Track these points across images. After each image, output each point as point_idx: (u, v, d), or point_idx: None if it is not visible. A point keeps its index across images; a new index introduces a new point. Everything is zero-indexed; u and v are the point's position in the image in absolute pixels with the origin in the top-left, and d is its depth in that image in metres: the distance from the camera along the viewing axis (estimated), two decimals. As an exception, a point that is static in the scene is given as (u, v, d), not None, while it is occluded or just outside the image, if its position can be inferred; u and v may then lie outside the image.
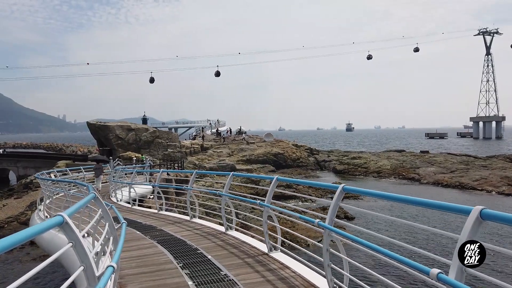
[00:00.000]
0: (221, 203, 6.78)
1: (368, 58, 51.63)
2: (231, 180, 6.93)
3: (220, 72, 48.77)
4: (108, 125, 42.51)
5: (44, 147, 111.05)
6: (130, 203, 11.57)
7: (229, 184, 6.83)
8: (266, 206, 5.60)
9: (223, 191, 6.83)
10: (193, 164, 39.43)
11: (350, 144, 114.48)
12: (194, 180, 7.86)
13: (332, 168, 48.62)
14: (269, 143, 53.88)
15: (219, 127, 67.90)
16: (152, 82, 48.13)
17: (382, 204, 28.18)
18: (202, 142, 52.68)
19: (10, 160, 44.28)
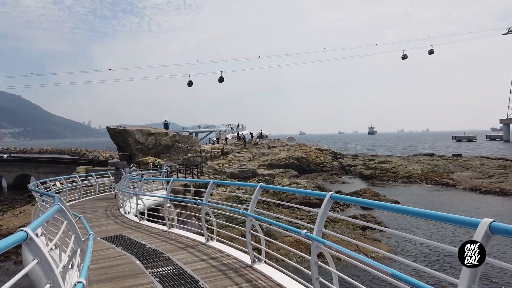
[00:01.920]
0: (246, 225, 5.20)
1: (403, 58, 48.78)
2: (258, 194, 5.25)
3: (223, 77, 47.51)
4: (127, 130, 41.75)
5: (68, 152, 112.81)
6: (138, 216, 9.95)
7: (256, 199, 5.23)
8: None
9: (249, 208, 5.17)
10: (213, 169, 38.06)
11: (373, 148, 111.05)
12: (210, 192, 6.28)
13: (358, 173, 46.32)
14: (291, 147, 52.06)
15: (240, 131, 66.53)
16: (190, 85, 47.23)
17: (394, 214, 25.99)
18: (223, 146, 51.35)
19: (32, 166, 44.22)
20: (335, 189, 34.35)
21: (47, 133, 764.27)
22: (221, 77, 47.40)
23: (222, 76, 47.40)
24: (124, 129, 42.20)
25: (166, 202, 7.94)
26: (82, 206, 13.73)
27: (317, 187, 31.62)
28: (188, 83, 47.24)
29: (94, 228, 8.94)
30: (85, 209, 12.79)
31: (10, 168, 44.09)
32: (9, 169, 43.88)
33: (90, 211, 12.43)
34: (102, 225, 9.48)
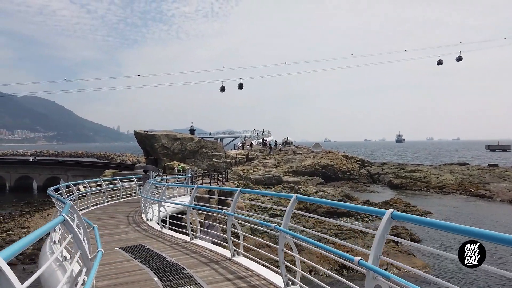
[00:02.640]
0: (278, 242, 4.45)
1: (439, 64, 46.39)
2: (293, 207, 4.46)
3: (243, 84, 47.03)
4: (154, 134, 42.01)
5: (97, 156, 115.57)
6: (159, 224, 9.33)
7: (290, 213, 4.46)
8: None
9: (282, 223, 4.39)
10: (238, 175, 37.60)
11: (401, 156, 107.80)
12: (237, 201, 5.67)
13: (388, 181, 44.68)
14: (317, 154, 50.97)
15: (265, 137, 65.99)
16: (223, 91, 47.19)
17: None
18: (248, 152, 50.92)
19: (61, 169, 45.21)
20: (363, 198, 33.16)
21: (79, 137, 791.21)
22: (241, 83, 47.12)
23: (241, 83, 47.11)
24: (150, 133, 42.50)
25: (189, 211, 7.44)
26: (105, 211, 13.50)
27: (345, 196, 30.53)
28: (221, 89, 46.96)
29: (114, 236, 8.53)
30: (108, 214, 12.52)
31: (41, 170, 45.27)
32: (40, 172, 45.05)
33: (113, 216, 12.15)
34: (122, 233, 9.10)
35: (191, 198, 7.56)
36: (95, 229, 4.82)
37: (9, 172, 45.75)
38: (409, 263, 16.07)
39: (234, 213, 5.63)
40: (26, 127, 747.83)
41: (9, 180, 45.40)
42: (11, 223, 24.82)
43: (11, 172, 45.68)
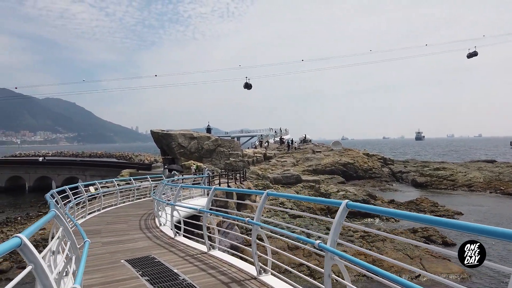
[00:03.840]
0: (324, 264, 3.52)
1: (470, 56, 43.40)
2: (343, 218, 3.57)
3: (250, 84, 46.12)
4: (170, 134, 41.50)
5: (116, 156, 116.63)
6: (173, 230, 8.30)
7: (339, 226, 3.50)
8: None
9: (328, 240, 3.50)
10: (256, 174, 36.65)
11: (421, 155, 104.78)
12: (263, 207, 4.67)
13: (411, 180, 42.92)
14: (337, 152, 49.53)
15: (283, 135, 64.86)
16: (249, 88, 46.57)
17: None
18: (266, 151, 49.92)
19: (79, 169, 45.23)
20: (387, 198, 31.71)
21: (98, 137, 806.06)
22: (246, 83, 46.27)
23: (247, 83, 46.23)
24: (167, 133, 42.00)
25: (205, 217, 6.48)
26: (117, 214, 12.73)
27: (368, 195, 29.18)
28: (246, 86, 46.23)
29: (122, 244, 7.65)
30: (119, 218, 11.72)
31: (60, 171, 45.39)
32: (59, 172, 45.17)
33: (124, 220, 11.36)
34: (131, 240, 8.25)
35: (208, 201, 6.60)
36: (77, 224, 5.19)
37: (28, 173, 46.06)
38: (444, 269, 14.79)
39: (261, 222, 4.64)
40: (48, 128, 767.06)
41: (28, 180, 45.73)
42: (28, 224, 24.53)
43: (30, 173, 45.98)
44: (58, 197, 8.15)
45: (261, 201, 4.68)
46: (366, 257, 14.44)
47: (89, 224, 10.58)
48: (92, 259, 6.31)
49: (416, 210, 27.47)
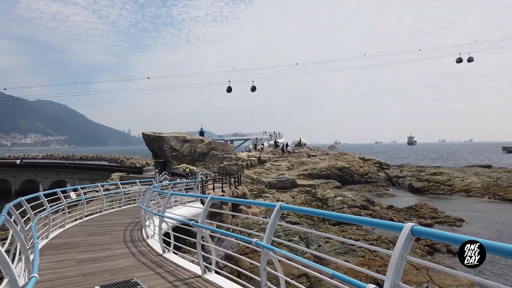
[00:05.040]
0: None
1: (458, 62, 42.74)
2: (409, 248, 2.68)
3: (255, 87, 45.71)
4: (162, 136, 40.33)
5: (107, 159, 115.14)
6: (161, 245, 7.15)
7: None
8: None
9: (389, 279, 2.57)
10: (251, 178, 35.61)
11: (416, 159, 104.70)
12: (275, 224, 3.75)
13: (408, 185, 42.21)
14: (332, 156, 48.74)
15: (277, 139, 63.97)
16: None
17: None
18: (260, 155, 48.97)
19: (68, 172, 43.83)
20: (386, 203, 30.91)
21: (90, 140, 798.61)
22: (253, 86, 45.75)
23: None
24: (159, 135, 40.83)
25: (199, 232, 5.35)
26: (101, 223, 11.54)
27: (366, 200, 28.30)
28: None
29: (101, 263, 6.50)
30: (102, 228, 10.56)
31: (47, 174, 43.93)
32: (46, 175, 43.70)
33: (107, 230, 10.17)
34: (113, 257, 7.04)
35: (203, 213, 5.52)
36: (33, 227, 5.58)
37: (14, 176, 44.50)
38: (453, 281, 13.89)
39: (273, 246, 3.60)
40: (39, 131, 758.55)
41: (14, 183, 44.15)
42: (10, 230, 23.14)
43: (17, 176, 44.42)
44: (27, 205, 7.06)
45: (273, 217, 3.78)
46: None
47: (67, 235, 9.44)
48: (61, 283, 5.25)
49: (416, 216, 26.69)
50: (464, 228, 24.00)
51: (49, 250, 7.51)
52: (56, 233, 9.58)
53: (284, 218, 22.62)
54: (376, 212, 25.97)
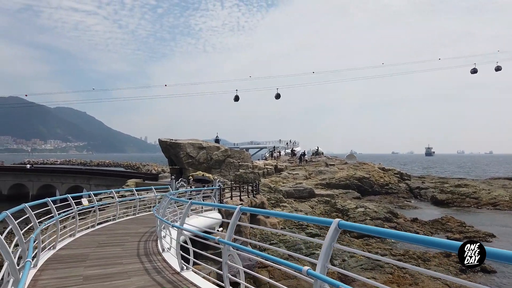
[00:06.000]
0: None
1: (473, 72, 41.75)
2: None
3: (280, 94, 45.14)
4: (178, 143, 39.92)
5: (124, 165, 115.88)
6: (178, 262, 6.25)
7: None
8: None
9: None
10: (268, 187, 34.72)
11: (436, 170, 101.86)
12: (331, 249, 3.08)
13: (431, 197, 40.55)
14: (351, 165, 47.43)
15: (294, 147, 62.99)
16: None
17: None
18: (277, 163, 48.07)
19: (84, 178, 43.79)
20: (409, 215, 29.56)
21: (108, 147, 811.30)
22: (278, 94, 45.22)
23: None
24: (175, 142, 40.46)
25: (226, 251, 4.51)
26: (113, 232, 10.83)
27: (389, 212, 27.03)
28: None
29: (111, 281, 5.63)
30: (114, 237, 9.84)
31: (64, 179, 44.00)
32: (63, 180, 43.77)
33: (119, 241, 9.40)
34: (123, 274, 6.21)
35: (231, 228, 4.54)
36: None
37: (32, 181, 44.74)
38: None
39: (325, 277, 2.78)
40: (59, 137, 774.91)
41: (31, 188, 44.36)
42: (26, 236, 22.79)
43: (34, 181, 44.65)
44: (30, 212, 6.41)
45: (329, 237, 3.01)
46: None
47: (77, 245, 8.74)
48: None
49: (442, 230, 25.31)
50: (495, 244, 22.54)
51: (55, 263, 6.82)
52: (65, 242, 8.90)
53: (304, 229, 21.66)
54: (400, 225, 24.70)
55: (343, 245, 18.19)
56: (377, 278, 14.50)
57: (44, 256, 7.29)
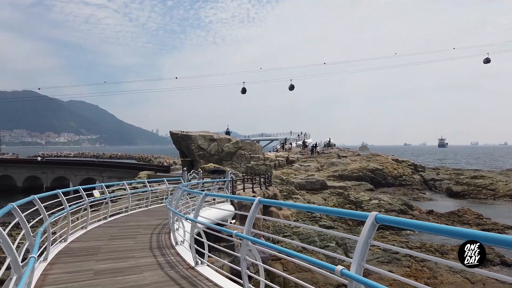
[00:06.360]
0: None
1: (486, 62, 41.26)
2: None
3: (246, 89, 45.23)
4: (190, 135, 39.83)
5: (136, 157, 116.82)
6: (193, 257, 5.93)
7: None
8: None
9: None
10: (280, 179, 34.45)
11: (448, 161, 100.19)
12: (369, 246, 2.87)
13: (446, 188, 39.80)
14: (364, 157, 46.80)
15: (305, 139, 62.46)
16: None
17: None
18: (288, 155, 47.71)
19: (96, 170, 44.10)
20: (424, 208, 29.01)
21: (120, 140, 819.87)
22: (292, 85, 44.99)
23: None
24: (186, 134, 40.37)
25: (244, 247, 4.13)
26: (125, 224, 10.68)
27: (404, 204, 26.54)
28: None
29: (123, 276, 5.45)
30: (127, 230, 9.73)
31: (77, 171, 44.40)
32: (75, 173, 44.16)
33: (132, 233, 9.19)
34: (136, 268, 5.91)
35: (249, 222, 4.20)
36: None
37: (46, 173, 45.25)
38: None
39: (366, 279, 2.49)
40: (72, 130, 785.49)
41: (46, 180, 44.89)
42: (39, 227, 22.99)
43: (48, 173, 45.15)
44: (39, 204, 6.23)
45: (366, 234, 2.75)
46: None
47: (88, 238, 8.59)
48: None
49: (459, 222, 24.71)
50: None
51: (66, 257, 6.65)
52: (77, 235, 8.75)
53: (317, 221, 21.35)
54: (416, 217, 24.20)
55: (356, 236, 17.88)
56: (394, 272, 14.15)
57: (54, 249, 7.14)
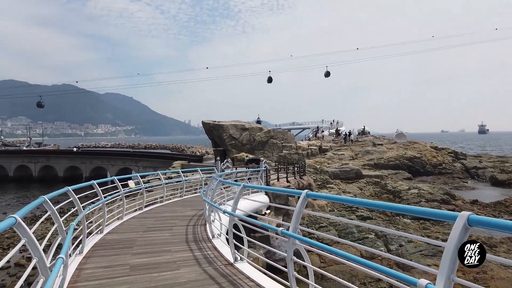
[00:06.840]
0: None
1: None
2: None
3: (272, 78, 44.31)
4: (221, 124, 39.82)
5: (169, 148, 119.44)
6: (232, 252, 5.65)
7: None
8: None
9: None
10: (314, 168, 33.77)
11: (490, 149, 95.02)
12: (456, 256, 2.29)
13: (490, 177, 37.66)
14: (401, 144, 45.09)
15: (338, 127, 61.07)
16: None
17: None
18: (321, 143, 46.81)
19: (132, 160, 45.15)
20: (467, 197, 27.53)
21: (154, 130, 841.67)
22: (327, 71, 44.15)
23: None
24: (218, 123, 40.40)
25: (291, 245, 3.71)
26: (161, 215, 10.58)
27: (446, 194, 25.21)
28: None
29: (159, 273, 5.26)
30: (162, 221, 9.61)
31: (113, 161, 45.66)
32: (113, 163, 45.44)
33: (167, 225, 9.04)
34: (172, 264, 5.68)
35: (296, 218, 3.75)
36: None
37: (85, 163, 46.86)
38: None
39: None
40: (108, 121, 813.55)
41: (85, 170, 46.51)
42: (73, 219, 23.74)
43: (87, 163, 46.73)
44: (74, 196, 6.10)
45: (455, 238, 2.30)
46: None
47: (124, 229, 8.52)
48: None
49: (506, 213, 23.24)
50: None
51: (101, 250, 6.54)
52: (113, 226, 8.71)
53: (354, 211, 20.66)
54: (459, 207, 22.95)
55: (398, 230, 17.02)
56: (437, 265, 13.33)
57: (90, 242, 7.06)
